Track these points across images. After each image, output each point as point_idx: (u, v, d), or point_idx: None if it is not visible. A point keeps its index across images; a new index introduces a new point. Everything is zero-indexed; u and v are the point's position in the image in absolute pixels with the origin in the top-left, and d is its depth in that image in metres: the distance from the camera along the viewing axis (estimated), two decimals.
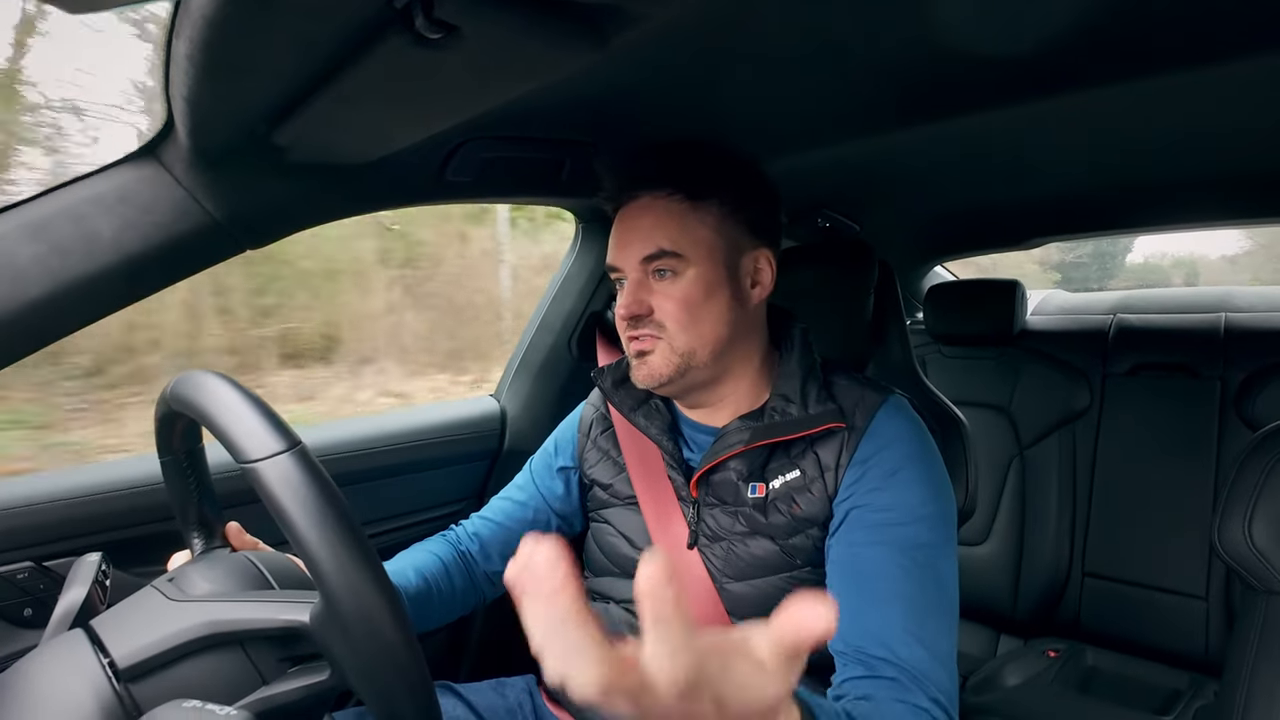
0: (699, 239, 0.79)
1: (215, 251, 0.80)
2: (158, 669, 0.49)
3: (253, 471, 0.45)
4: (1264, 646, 0.62)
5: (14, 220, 0.69)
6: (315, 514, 0.44)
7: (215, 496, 0.66)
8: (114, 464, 0.97)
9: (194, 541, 0.66)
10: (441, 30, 0.50)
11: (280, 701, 0.48)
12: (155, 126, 0.74)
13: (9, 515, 0.86)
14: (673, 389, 0.83)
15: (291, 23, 0.52)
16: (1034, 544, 1.71)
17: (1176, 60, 0.76)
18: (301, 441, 0.47)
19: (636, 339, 0.81)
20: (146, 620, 0.52)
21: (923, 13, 0.64)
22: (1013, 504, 1.74)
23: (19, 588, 0.86)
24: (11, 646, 0.86)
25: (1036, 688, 1.47)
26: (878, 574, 0.73)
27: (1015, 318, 1.80)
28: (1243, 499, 0.66)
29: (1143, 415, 1.65)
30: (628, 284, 0.81)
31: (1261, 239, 9.07)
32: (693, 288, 0.79)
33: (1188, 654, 1.52)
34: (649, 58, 0.72)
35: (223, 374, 0.52)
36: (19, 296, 0.67)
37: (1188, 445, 1.57)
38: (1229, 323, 1.66)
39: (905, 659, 0.68)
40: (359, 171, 0.87)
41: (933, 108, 0.93)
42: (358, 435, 1.18)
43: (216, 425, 0.48)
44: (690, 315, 0.79)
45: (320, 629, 0.47)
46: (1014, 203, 1.57)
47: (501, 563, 0.99)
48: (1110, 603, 1.62)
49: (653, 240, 0.79)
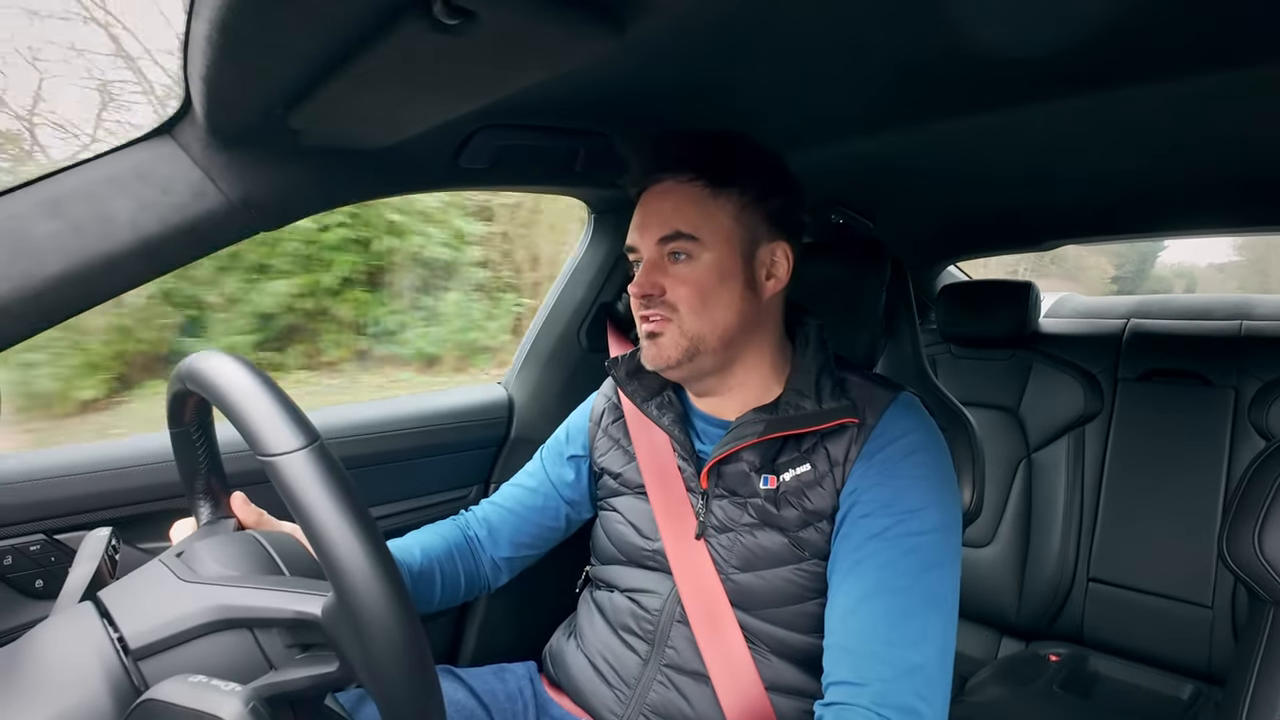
0: (717, 225, 0.80)
1: (230, 232, 0.80)
2: (167, 649, 0.50)
3: (271, 465, 0.45)
4: (1269, 657, 0.61)
5: (31, 197, 0.69)
6: (333, 512, 0.44)
7: (223, 468, 0.67)
8: (125, 441, 0.98)
9: (200, 511, 0.67)
10: (458, 16, 0.50)
11: (286, 689, 0.49)
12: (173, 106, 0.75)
13: (23, 488, 0.87)
14: (680, 373, 0.83)
15: (309, 5, 0.52)
16: (1039, 547, 1.70)
17: (1202, 63, 0.75)
18: (320, 437, 0.47)
19: (647, 319, 0.81)
20: (158, 599, 0.52)
21: (945, 10, 0.64)
22: (1019, 506, 1.73)
23: (31, 559, 0.88)
24: (23, 617, 0.87)
25: (1037, 692, 1.47)
26: (877, 571, 0.73)
27: (1028, 319, 1.79)
28: (1253, 509, 0.65)
29: (1154, 421, 1.63)
30: (643, 264, 0.82)
31: (1249, 253, 9.20)
32: (707, 272, 0.79)
33: (1191, 663, 1.52)
34: (665, 48, 0.71)
35: (242, 358, 0.52)
36: (35, 273, 0.68)
37: (1198, 453, 1.56)
38: (1246, 330, 1.64)
39: (893, 659, 0.68)
40: (373, 156, 0.87)
41: (951, 106, 0.92)
42: (369, 419, 1.19)
43: (236, 415, 0.48)
44: (702, 299, 0.79)
45: (331, 623, 0.47)
46: (1031, 204, 1.56)
47: (510, 549, 1.00)
48: (1115, 609, 1.61)
49: (671, 222, 0.79)
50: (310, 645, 0.52)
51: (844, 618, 0.73)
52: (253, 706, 0.41)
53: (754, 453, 0.82)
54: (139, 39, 4.75)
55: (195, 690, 0.42)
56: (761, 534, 0.82)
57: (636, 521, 0.91)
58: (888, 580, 0.72)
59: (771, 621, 0.81)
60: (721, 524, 0.84)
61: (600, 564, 0.97)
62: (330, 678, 0.49)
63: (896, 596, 0.71)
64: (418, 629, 0.45)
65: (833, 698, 0.70)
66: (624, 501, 0.93)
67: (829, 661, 0.72)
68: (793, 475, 0.81)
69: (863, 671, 0.69)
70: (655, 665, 0.85)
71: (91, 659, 0.48)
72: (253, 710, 0.41)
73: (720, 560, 0.83)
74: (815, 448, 0.81)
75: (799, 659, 0.81)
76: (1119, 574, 1.62)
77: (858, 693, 0.68)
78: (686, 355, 0.80)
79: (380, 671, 0.44)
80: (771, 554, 0.81)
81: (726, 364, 0.84)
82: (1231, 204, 1.43)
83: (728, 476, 0.84)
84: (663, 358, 0.81)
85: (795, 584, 0.80)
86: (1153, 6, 0.62)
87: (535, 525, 1.01)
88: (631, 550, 0.91)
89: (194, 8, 0.55)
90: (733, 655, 0.81)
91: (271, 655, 0.51)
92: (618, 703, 0.86)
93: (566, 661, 0.94)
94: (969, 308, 1.84)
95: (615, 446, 0.96)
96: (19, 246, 0.67)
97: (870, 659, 0.69)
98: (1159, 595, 1.56)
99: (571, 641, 0.96)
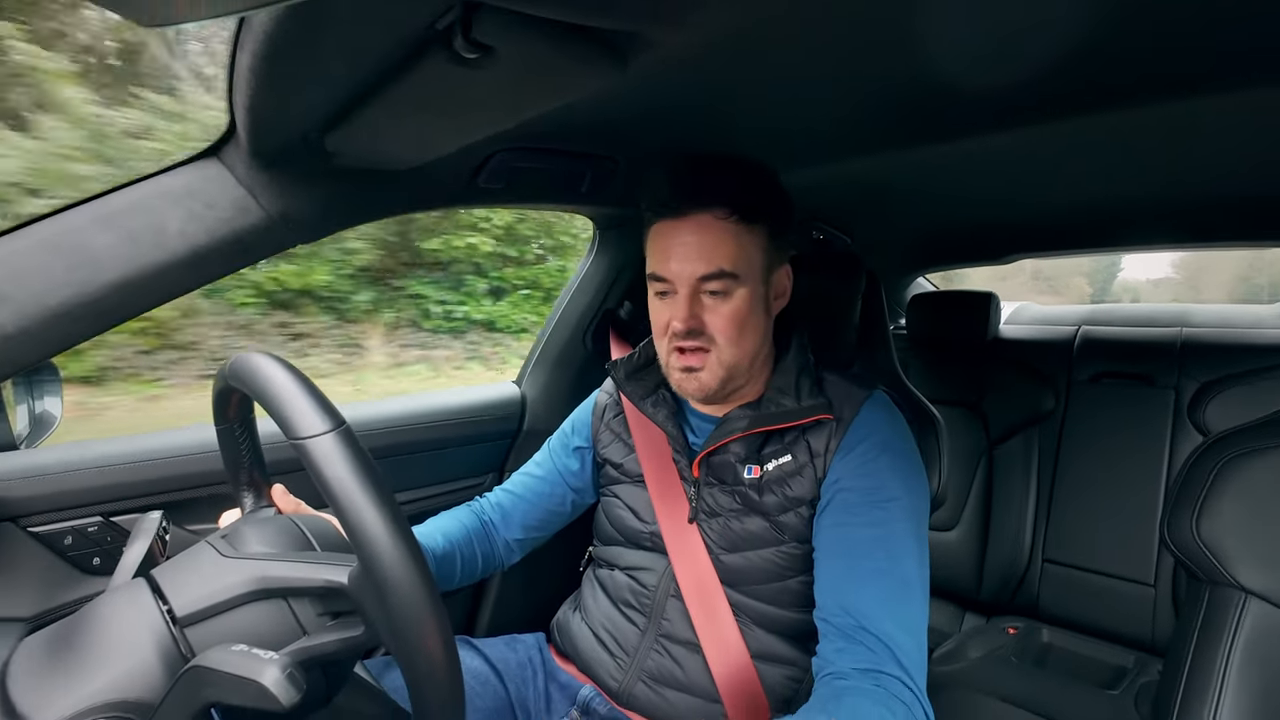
0: (751, 260, 0.77)
1: (270, 244, 0.80)
2: (210, 616, 0.50)
3: (302, 448, 0.45)
4: (1204, 631, 0.61)
5: (89, 212, 0.70)
6: (358, 489, 0.44)
7: (264, 462, 0.67)
8: (175, 432, 0.98)
9: (244, 500, 0.67)
10: (478, 50, 0.50)
11: (317, 652, 0.49)
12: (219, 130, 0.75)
13: (82, 474, 0.88)
14: (717, 397, 0.82)
15: (342, 41, 0.53)
16: (999, 531, 1.70)
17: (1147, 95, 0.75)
18: (345, 422, 0.47)
19: (684, 353, 0.78)
20: (203, 573, 0.52)
21: (916, 47, 0.64)
22: (981, 495, 1.73)
23: (89, 539, 0.88)
24: (81, 591, 0.87)
25: (996, 661, 1.47)
26: (860, 553, 0.73)
27: (989, 326, 1.79)
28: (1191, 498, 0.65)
29: (1103, 419, 1.64)
30: (680, 298, 0.77)
31: (1184, 272, 9.44)
32: (743, 305, 0.77)
33: (1135, 635, 1.52)
34: (663, 80, 0.71)
35: (277, 356, 0.52)
36: (95, 279, 0.68)
37: (1143, 447, 1.56)
38: (1186, 337, 1.65)
39: (881, 632, 0.68)
40: (400, 175, 0.87)
41: (923, 133, 0.92)
42: (394, 413, 1.19)
43: (271, 404, 0.48)
44: (739, 331, 0.77)
45: (356, 589, 0.47)
46: (994, 221, 1.56)
47: (521, 531, 1.00)
48: (1067, 587, 1.62)
49: (714, 261, 0.75)
50: (339, 613, 0.52)
51: (834, 596, 0.72)
52: (289, 672, 0.41)
53: (741, 445, 0.82)
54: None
55: (237, 657, 0.42)
56: (747, 519, 0.82)
57: (635, 507, 0.91)
58: (871, 561, 0.72)
59: (756, 597, 0.81)
60: (711, 509, 0.84)
61: (602, 545, 0.97)
62: (357, 641, 0.49)
63: (879, 575, 0.71)
64: (434, 591, 0.45)
65: (836, 670, 0.67)
66: (624, 489, 0.94)
67: (824, 635, 0.72)
68: (775, 465, 0.81)
69: (856, 641, 0.68)
70: (652, 636, 0.85)
71: (144, 629, 0.48)
72: (289, 675, 0.41)
73: (710, 542, 0.83)
74: (797, 440, 0.81)
75: (781, 630, 0.81)
76: (1071, 555, 1.62)
77: (870, 674, 0.66)
78: (724, 383, 0.79)
79: (401, 631, 0.44)
80: (755, 537, 0.81)
81: (748, 380, 0.84)
82: (1173, 223, 1.44)
83: (717, 467, 0.84)
84: (704, 389, 0.79)
85: (776, 564, 0.80)
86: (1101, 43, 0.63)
87: (543, 510, 1.01)
88: (630, 532, 0.91)
89: (238, 42, 0.55)
90: (721, 627, 0.81)
91: (304, 622, 0.51)
92: (618, 669, 0.86)
93: (572, 632, 0.94)
94: (937, 315, 1.84)
95: (616, 439, 0.97)
96: (79, 256, 0.68)
97: (859, 634, 0.68)
98: (1107, 575, 1.56)
99: (576, 615, 0.96)
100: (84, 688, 0.45)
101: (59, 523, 0.86)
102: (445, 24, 0.50)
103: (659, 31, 0.53)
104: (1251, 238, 1.48)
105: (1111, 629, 1.55)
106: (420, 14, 0.50)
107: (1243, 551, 0.61)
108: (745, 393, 0.85)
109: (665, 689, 0.83)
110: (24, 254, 0.66)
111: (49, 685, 0.45)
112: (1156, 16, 0.57)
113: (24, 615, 0.83)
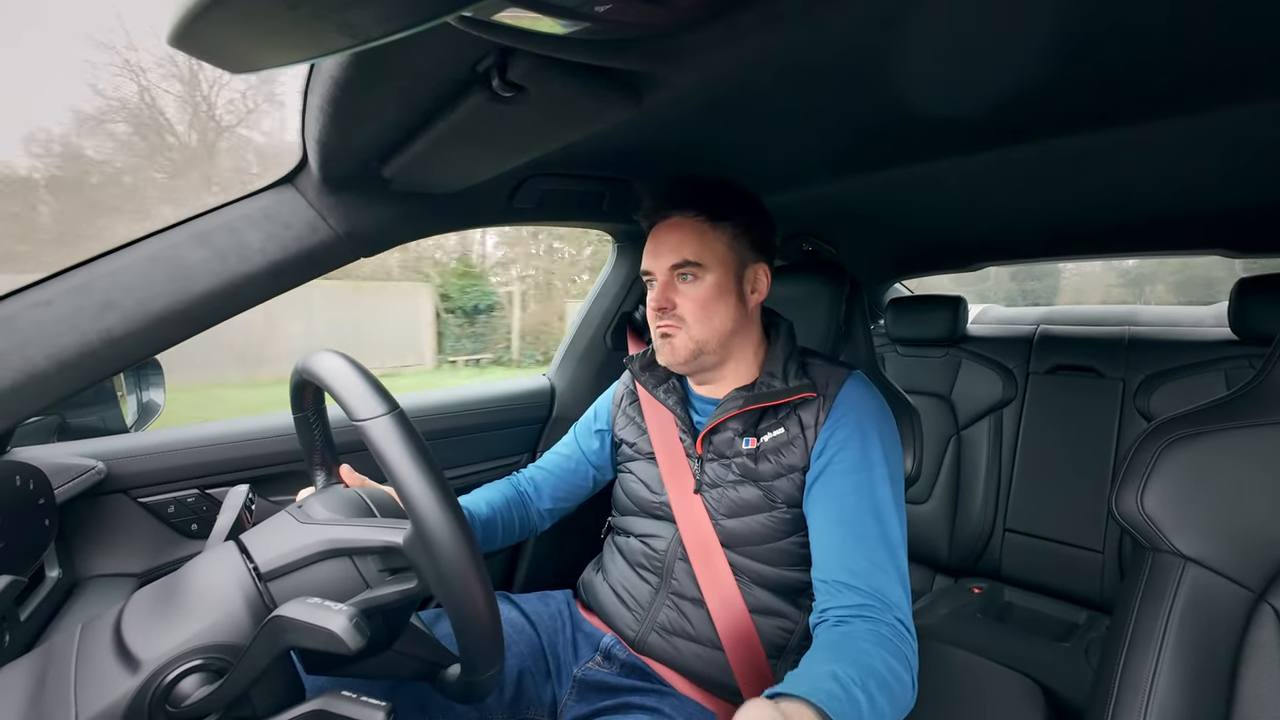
0: (715, 252, 0.80)
1: (337, 258, 0.81)
2: (288, 572, 0.51)
3: (362, 428, 0.46)
4: (1148, 593, 0.61)
5: (186, 231, 0.70)
6: (409, 462, 0.45)
7: (334, 446, 0.68)
8: (259, 418, 1.00)
9: (317, 478, 0.67)
10: (513, 90, 0.50)
11: (378, 602, 0.49)
12: (293, 161, 0.75)
13: (182, 453, 0.89)
14: (686, 368, 0.84)
15: (398, 83, 0.53)
16: (966, 504, 1.69)
17: (1095, 122, 0.74)
18: (399, 406, 0.48)
19: (662, 326, 0.82)
20: (282, 537, 0.53)
21: (888, 87, 0.63)
22: (950, 473, 1.71)
23: (188, 508, 0.90)
24: (182, 552, 0.89)
25: (963, 617, 1.46)
26: (851, 517, 0.72)
27: (958, 325, 1.77)
28: (1137, 475, 0.64)
29: (1058, 406, 1.61)
30: (658, 284, 0.82)
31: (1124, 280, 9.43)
32: (708, 290, 0.80)
33: (1086, 595, 1.50)
34: (672, 115, 0.71)
35: (342, 353, 0.53)
36: (190, 290, 0.69)
37: (1094, 431, 1.54)
38: (1132, 335, 1.62)
39: (875, 587, 0.68)
40: (447, 198, 0.88)
41: (896, 157, 0.91)
42: (442, 401, 1.20)
43: (336, 392, 0.49)
44: (705, 312, 0.80)
45: (410, 548, 0.48)
46: (962, 233, 1.54)
47: (551, 502, 1.01)
48: (1025, 553, 1.60)
49: (680, 251, 0.79)
50: (396, 569, 0.53)
51: (830, 557, 0.72)
52: (355, 621, 0.42)
53: (738, 422, 0.83)
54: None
55: (311, 609, 0.43)
56: (743, 489, 0.82)
57: (648, 481, 0.91)
58: (862, 525, 0.72)
59: (752, 558, 0.81)
60: (713, 481, 0.84)
61: (619, 515, 0.97)
62: (412, 593, 0.49)
63: (870, 537, 0.71)
64: (476, 550, 0.46)
65: (841, 614, 0.67)
66: (638, 465, 0.94)
67: (822, 593, 0.71)
68: (770, 437, 0.81)
69: (853, 596, 0.68)
70: (664, 593, 0.86)
71: (234, 585, 0.49)
72: (355, 624, 0.42)
73: (712, 510, 0.83)
74: (789, 415, 0.81)
75: (774, 587, 0.81)
76: (1029, 525, 1.60)
77: (864, 608, 0.67)
78: (692, 355, 0.81)
79: (448, 583, 0.45)
80: (750, 504, 0.81)
81: (722, 360, 0.84)
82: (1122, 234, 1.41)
83: (717, 443, 0.84)
84: (675, 354, 0.82)
85: (769, 527, 0.80)
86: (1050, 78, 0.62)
87: (569, 485, 1.02)
88: (644, 503, 0.91)
89: (309, 86, 0.56)
90: (723, 584, 0.81)
91: (367, 577, 0.52)
92: (635, 622, 0.87)
93: (595, 590, 0.94)
94: (912, 316, 1.83)
95: (631, 423, 0.97)
96: (175, 270, 0.69)
97: (855, 591, 0.68)
98: (1061, 542, 1.54)
99: (599, 575, 0.96)
100: (184, 632, 0.46)
101: (163, 494, 0.88)
102: (484, 67, 0.50)
103: (669, 73, 0.53)
104: (1181, 247, 1.46)
105: (1065, 589, 1.53)
106: (463, 59, 0.50)
107: (1182, 523, 0.60)
108: (739, 376, 0.86)
109: (675, 638, 0.83)
110: (130, 268, 0.67)
111: (156, 630, 0.46)
112: (1099, 57, 0.58)
113: (135, 571, 0.85)
